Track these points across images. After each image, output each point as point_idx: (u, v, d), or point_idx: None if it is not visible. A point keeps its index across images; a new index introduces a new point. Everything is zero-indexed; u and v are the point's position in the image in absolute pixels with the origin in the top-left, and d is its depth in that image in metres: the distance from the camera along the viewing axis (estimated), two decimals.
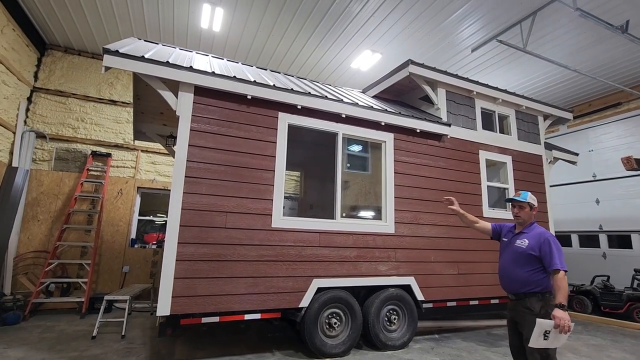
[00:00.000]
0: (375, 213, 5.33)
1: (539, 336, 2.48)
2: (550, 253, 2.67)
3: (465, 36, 7.04)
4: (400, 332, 4.73)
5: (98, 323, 4.82)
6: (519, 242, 2.90)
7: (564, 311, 2.44)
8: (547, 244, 2.71)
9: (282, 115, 4.54)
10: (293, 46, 7.61)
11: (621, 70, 8.01)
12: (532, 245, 2.79)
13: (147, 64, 3.84)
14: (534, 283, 2.74)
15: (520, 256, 2.83)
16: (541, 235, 2.80)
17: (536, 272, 2.75)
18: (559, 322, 2.41)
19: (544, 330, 2.46)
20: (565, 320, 2.40)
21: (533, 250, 2.77)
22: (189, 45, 7.54)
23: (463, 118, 5.98)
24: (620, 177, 8.64)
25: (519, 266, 2.82)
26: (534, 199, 2.97)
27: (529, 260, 2.78)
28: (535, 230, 2.89)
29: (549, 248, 2.69)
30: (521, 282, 2.79)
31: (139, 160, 7.84)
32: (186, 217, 3.81)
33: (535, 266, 2.76)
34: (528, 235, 2.88)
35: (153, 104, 5.40)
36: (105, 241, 7.15)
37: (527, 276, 2.76)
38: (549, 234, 2.82)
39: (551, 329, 2.43)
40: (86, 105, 7.62)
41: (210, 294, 3.77)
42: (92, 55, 7.86)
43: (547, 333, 2.45)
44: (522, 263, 2.81)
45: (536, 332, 2.49)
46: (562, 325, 2.39)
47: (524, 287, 2.77)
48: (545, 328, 2.46)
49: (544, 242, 2.74)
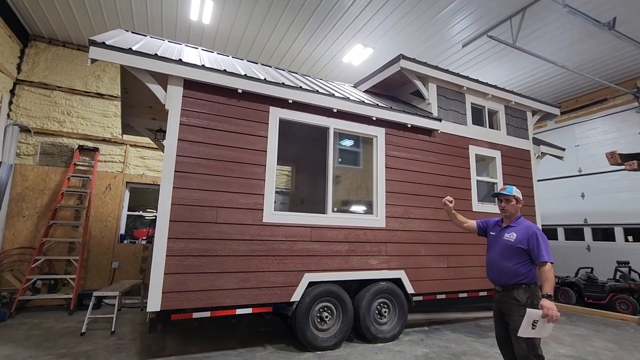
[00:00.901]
0: (366, 207, 5.36)
1: (528, 326, 2.56)
2: (538, 246, 2.76)
3: (456, 31, 7.07)
4: (391, 325, 4.80)
5: (87, 319, 4.76)
6: (507, 236, 2.98)
7: (551, 301, 2.53)
8: (535, 238, 2.81)
9: (273, 109, 4.51)
10: (284, 40, 7.54)
11: (608, 66, 8.15)
12: (520, 238, 2.87)
13: (135, 57, 3.76)
14: (521, 275, 2.83)
15: (509, 249, 2.92)
16: (529, 228, 2.89)
17: (524, 264, 2.84)
18: (547, 311, 2.50)
19: (533, 320, 2.54)
20: (553, 310, 2.49)
21: (521, 243, 2.86)
22: (178, 37, 7.41)
23: (453, 113, 6.03)
24: (604, 171, 8.85)
25: (507, 259, 2.91)
26: (519, 193, 3.07)
27: (517, 253, 2.87)
28: (523, 224, 2.98)
29: (536, 241, 2.79)
30: (510, 274, 2.87)
31: (127, 154, 7.71)
32: (176, 212, 3.77)
33: (523, 259, 2.85)
34: (516, 229, 2.96)
35: (141, 98, 5.31)
36: (94, 237, 7.05)
37: (516, 268, 2.85)
38: (536, 227, 2.90)
39: (539, 318, 2.52)
40: (72, 99, 7.45)
41: (202, 289, 3.76)
42: (78, 47, 7.67)
43: (535, 323, 2.54)
44: (511, 256, 2.89)
45: (525, 322, 2.57)
46: (550, 315, 2.48)
47: (513, 279, 2.86)
48: (534, 318, 2.54)
49: (532, 235, 2.83)
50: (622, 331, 5.68)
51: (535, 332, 2.56)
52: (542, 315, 2.51)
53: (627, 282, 7.12)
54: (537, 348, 2.70)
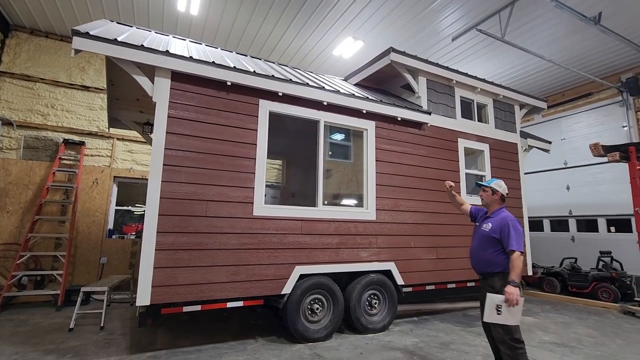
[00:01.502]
0: (357, 200, 5.39)
1: (492, 311, 2.69)
2: (509, 235, 2.89)
3: (446, 25, 7.09)
4: (381, 316, 4.86)
5: (75, 315, 4.71)
6: (484, 226, 3.13)
7: (515, 287, 2.66)
8: (507, 227, 2.93)
9: (263, 102, 4.48)
10: (274, 32, 7.47)
11: (593, 61, 8.29)
12: (495, 228, 3.02)
13: (121, 47, 3.68)
14: (496, 264, 2.96)
15: (485, 239, 3.07)
16: (503, 219, 3.01)
17: (498, 253, 2.97)
18: (507, 296, 2.64)
19: (496, 305, 2.67)
20: (514, 295, 2.62)
21: (495, 233, 3.00)
22: (165, 29, 7.26)
23: (443, 106, 6.07)
24: (589, 164, 9.06)
25: (483, 248, 3.07)
26: (499, 186, 3.19)
27: (491, 243, 3.01)
28: (500, 215, 3.10)
29: (507, 231, 2.92)
30: (485, 263, 3.04)
31: (114, 148, 7.58)
32: (165, 206, 3.74)
33: (496, 248, 2.98)
34: (492, 220, 3.10)
35: (128, 90, 5.21)
36: (81, 232, 6.94)
37: (491, 257, 3.00)
38: (511, 218, 3.00)
39: (502, 303, 2.63)
40: (56, 91, 7.27)
41: (192, 283, 3.75)
42: (61, 38, 7.46)
43: (499, 308, 2.65)
44: (487, 245, 3.04)
45: (488, 307, 2.71)
46: (511, 300, 2.62)
47: (488, 268, 3.01)
48: (496, 302, 2.67)
49: (505, 225, 2.96)
50: (603, 318, 5.87)
51: (502, 317, 2.66)
52: (504, 300, 2.62)
53: (609, 271, 7.35)
54: (513, 332, 2.78)
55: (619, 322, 5.62)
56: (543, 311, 6.37)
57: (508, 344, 2.80)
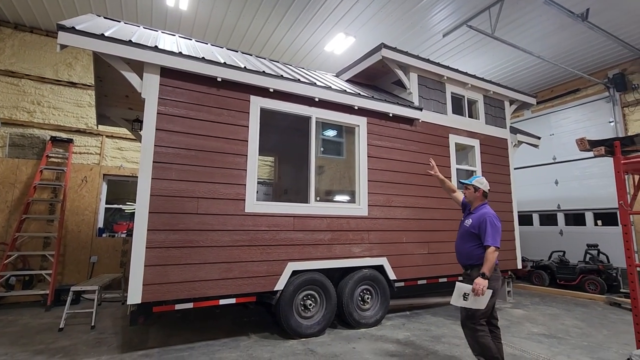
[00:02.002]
0: (349, 197, 5.41)
1: (459, 297, 2.97)
2: (485, 230, 3.06)
3: (437, 21, 7.11)
4: (374, 311, 4.91)
5: (65, 315, 4.65)
6: (466, 222, 3.31)
7: (484, 279, 2.88)
8: (485, 223, 3.09)
9: (254, 98, 4.45)
10: (265, 27, 7.41)
11: (581, 57, 8.41)
12: (474, 224, 3.18)
13: (108, 43, 3.62)
14: (475, 257, 3.13)
15: (466, 233, 3.25)
16: (482, 215, 3.16)
17: (477, 247, 3.14)
18: (475, 286, 2.86)
19: (463, 293, 2.93)
20: (480, 285, 2.84)
21: (474, 228, 3.17)
22: (154, 24, 7.15)
23: (434, 102, 6.11)
24: (577, 159, 9.22)
25: (464, 242, 3.26)
26: (480, 183, 3.34)
27: (471, 237, 3.19)
28: (481, 211, 3.25)
29: (485, 226, 3.08)
30: (466, 256, 3.23)
31: (103, 146, 7.47)
32: (156, 204, 3.71)
33: (476, 242, 3.15)
34: (473, 216, 3.26)
35: (117, 87, 5.13)
36: (70, 231, 6.84)
37: (470, 251, 3.18)
38: (490, 214, 3.14)
39: (469, 292, 2.90)
40: (42, 88, 7.12)
41: (183, 281, 3.73)
42: (47, 33, 7.30)
43: (466, 295, 2.92)
44: (467, 239, 3.23)
45: (455, 294, 2.98)
46: (476, 290, 2.85)
47: (468, 260, 3.20)
48: (463, 291, 2.95)
49: (483, 221, 3.11)
50: (590, 310, 6.01)
51: (468, 303, 2.92)
52: (472, 289, 2.87)
53: (596, 263, 7.52)
54: (474, 318, 3.03)
55: (605, 313, 5.76)
56: (532, 303, 6.49)
57: (469, 327, 3.06)
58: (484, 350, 3.00)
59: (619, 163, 2.91)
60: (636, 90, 8.31)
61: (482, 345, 2.99)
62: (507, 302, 6.56)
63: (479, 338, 3.01)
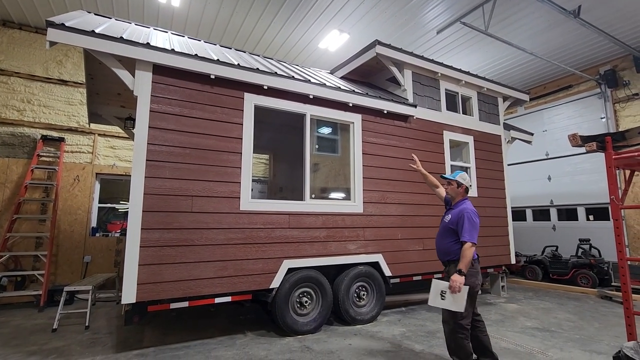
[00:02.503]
0: (344, 194, 5.41)
1: (436, 296, 2.88)
2: (462, 226, 3.05)
3: (431, 17, 7.12)
4: (369, 307, 4.93)
5: (58, 315, 4.60)
6: (446, 217, 3.31)
7: (460, 276, 2.85)
8: (462, 219, 3.08)
9: (248, 95, 4.43)
10: (259, 24, 7.35)
11: (573, 54, 8.48)
12: (453, 219, 3.19)
13: (99, 40, 3.57)
14: (453, 252, 3.13)
15: (445, 229, 3.26)
16: (461, 211, 3.15)
17: (455, 243, 3.13)
18: (451, 283, 2.83)
19: (440, 291, 2.86)
20: (457, 282, 2.81)
21: (452, 224, 3.17)
22: (146, 21, 7.06)
23: (428, 99, 6.12)
24: (569, 155, 9.32)
25: (443, 238, 3.27)
26: (463, 179, 3.34)
27: (449, 233, 3.20)
28: (460, 206, 3.24)
29: (462, 222, 3.07)
30: (444, 252, 3.24)
31: (96, 144, 7.38)
32: (149, 202, 3.67)
33: (454, 238, 3.15)
34: (453, 212, 3.27)
35: (108, 84, 5.06)
36: (63, 231, 6.76)
37: (448, 247, 3.18)
38: (468, 210, 3.12)
39: (446, 289, 2.81)
40: (32, 85, 7.00)
41: (178, 279, 3.71)
42: (36, 30, 7.18)
43: (443, 293, 2.83)
44: (445, 235, 3.24)
45: (432, 292, 2.90)
46: (453, 287, 2.82)
47: (447, 256, 3.21)
48: (440, 288, 2.87)
49: (461, 217, 3.10)
50: (582, 303, 6.10)
51: (445, 303, 2.83)
52: (448, 286, 2.81)
53: (588, 258, 7.62)
54: (457, 316, 2.97)
55: (596, 307, 5.85)
56: (525, 298, 6.57)
57: (451, 326, 3.03)
58: (459, 351, 3.01)
59: (611, 158, 2.95)
60: (627, 86, 8.41)
61: (458, 345, 3.00)
62: (501, 296, 6.63)
63: (457, 339, 3.00)
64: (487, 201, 6.50)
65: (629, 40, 7.70)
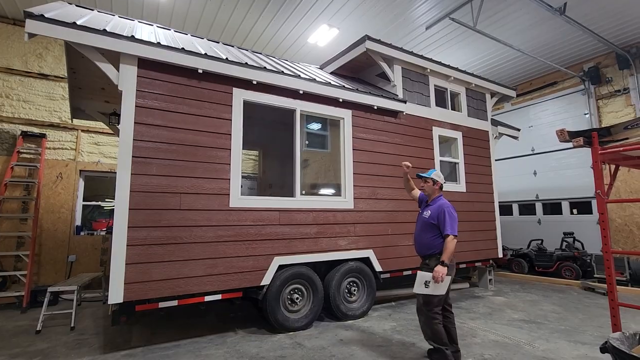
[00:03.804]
0: (335, 190, 5.40)
1: (420, 284, 3.17)
2: (444, 221, 3.22)
3: (420, 13, 7.12)
4: (360, 303, 4.95)
5: (42, 316, 4.48)
6: (425, 213, 3.44)
7: (443, 267, 3.06)
8: (443, 214, 3.25)
9: (237, 91, 4.35)
10: (247, 18, 7.23)
11: (558, 50, 8.62)
12: (433, 215, 3.34)
13: (81, 32, 3.45)
14: (434, 247, 3.29)
15: (425, 225, 3.39)
16: (440, 206, 3.33)
17: (436, 237, 3.29)
18: (435, 274, 3.04)
19: (424, 280, 3.15)
20: (439, 273, 3.03)
21: (433, 219, 3.32)
22: (130, 14, 6.86)
23: (418, 95, 6.14)
24: (554, 150, 9.51)
25: (424, 233, 3.39)
26: (438, 176, 3.50)
27: (430, 228, 3.33)
28: (438, 203, 3.41)
29: (443, 217, 3.24)
30: (425, 246, 3.36)
31: (79, 141, 7.17)
32: (136, 200, 3.59)
33: (435, 233, 3.30)
34: (431, 207, 3.41)
35: (92, 78, 4.90)
36: (46, 230, 6.57)
37: (430, 241, 3.32)
38: (447, 205, 3.30)
39: (430, 279, 3.09)
40: (10, 80, 6.75)
41: (167, 278, 3.64)
42: (14, 22, 6.90)
43: (427, 282, 3.13)
44: (426, 230, 3.37)
45: (417, 281, 3.19)
46: (436, 277, 3.03)
47: (428, 250, 3.33)
48: (425, 278, 3.15)
49: (441, 212, 3.27)
50: (567, 295, 6.26)
51: (429, 290, 3.12)
52: (432, 276, 3.06)
53: (572, 250, 7.81)
54: (430, 304, 3.18)
55: (580, 298, 6.01)
56: (512, 291, 6.70)
57: (424, 313, 3.21)
58: (434, 336, 3.18)
59: (597, 153, 3.00)
60: (610, 83, 8.61)
61: (433, 331, 3.18)
62: (488, 290, 6.75)
63: (432, 325, 3.17)
64: (475, 196, 6.58)
65: (612, 38, 7.86)
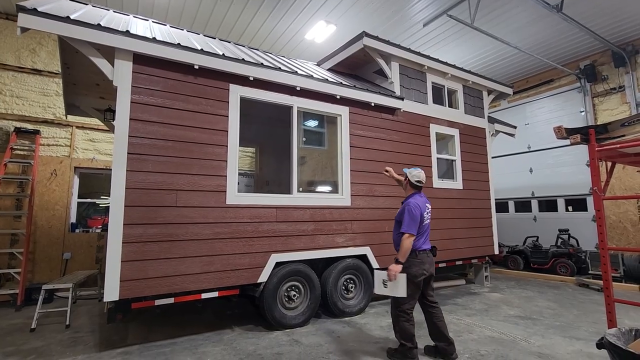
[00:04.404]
0: (332, 187, 5.38)
1: (379, 284, 3.18)
2: (403, 218, 3.29)
3: (418, 10, 7.10)
4: (357, 299, 4.95)
5: (37, 314, 4.44)
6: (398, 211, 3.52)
7: (397, 265, 3.12)
8: (403, 212, 3.32)
9: (234, 87, 4.32)
10: (244, 14, 7.17)
11: (555, 48, 8.64)
12: (399, 212, 3.44)
13: (74, 26, 3.39)
14: None
15: (395, 222, 3.50)
16: (404, 205, 3.41)
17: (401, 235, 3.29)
18: (388, 272, 3.09)
19: (382, 280, 3.15)
20: (392, 271, 3.08)
21: (398, 216, 3.42)
22: (125, 9, 6.78)
23: (415, 92, 6.13)
24: (550, 147, 9.55)
25: (395, 230, 3.49)
26: (409, 173, 3.55)
27: (398, 226, 3.40)
28: (406, 201, 3.46)
29: (403, 214, 3.31)
30: (395, 243, 3.44)
31: (74, 137, 7.10)
32: (132, 197, 3.56)
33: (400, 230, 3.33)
34: (402, 205, 3.44)
35: (86, 74, 4.84)
36: (40, 227, 6.51)
37: (397, 238, 3.39)
38: (410, 204, 3.33)
39: (387, 278, 3.10)
40: (3, 75, 6.65)
41: (163, 275, 3.62)
42: (7, 17, 6.80)
43: (385, 282, 3.13)
44: (396, 228, 3.46)
45: (376, 282, 3.21)
46: (389, 275, 3.08)
47: (397, 247, 3.35)
48: (382, 277, 3.17)
49: (403, 210, 3.35)
50: (562, 291, 6.31)
51: (388, 290, 3.12)
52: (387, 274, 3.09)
53: (567, 247, 7.87)
54: (401, 305, 3.25)
55: (575, 294, 6.06)
56: (508, 287, 6.74)
57: (395, 313, 3.31)
58: (401, 332, 3.30)
59: (594, 150, 3.01)
60: (605, 81, 8.64)
61: (400, 327, 3.29)
62: (484, 286, 6.79)
63: (399, 322, 3.29)
64: (472, 193, 6.60)
65: (608, 36, 7.89)
